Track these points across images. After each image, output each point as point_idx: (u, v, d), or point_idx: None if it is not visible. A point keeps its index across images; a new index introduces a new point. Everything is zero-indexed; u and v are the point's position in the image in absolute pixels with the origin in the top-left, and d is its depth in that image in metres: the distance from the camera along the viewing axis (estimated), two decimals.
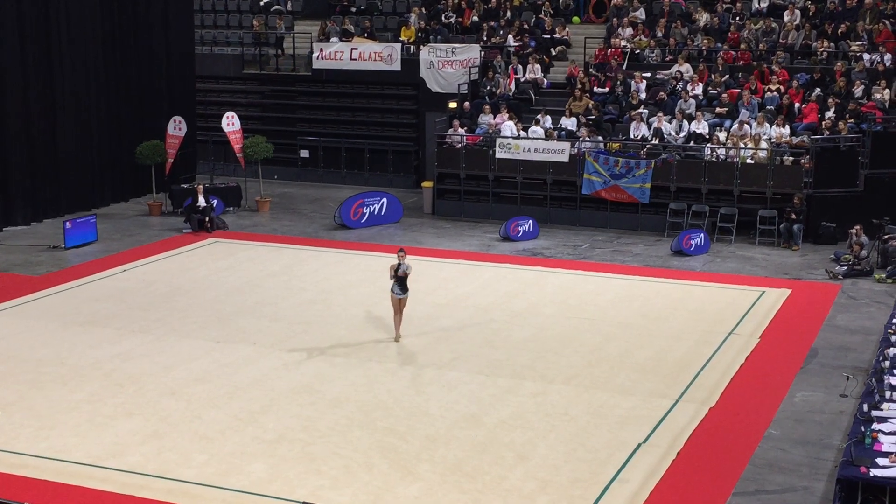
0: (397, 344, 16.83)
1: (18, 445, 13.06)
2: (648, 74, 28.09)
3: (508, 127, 26.69)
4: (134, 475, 12.27)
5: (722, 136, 25.39)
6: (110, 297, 19.52)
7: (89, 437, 13.32)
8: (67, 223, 23.45)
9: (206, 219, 24.80)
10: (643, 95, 27.33)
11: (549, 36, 30.91)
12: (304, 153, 31.87)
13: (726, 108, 26.25)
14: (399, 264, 16.60)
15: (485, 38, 31.20)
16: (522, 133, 26.58)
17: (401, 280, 16.64)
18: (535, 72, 29.31)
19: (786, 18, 29.06)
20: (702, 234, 23.39)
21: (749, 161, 24.69)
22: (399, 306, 16.90)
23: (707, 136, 25.51)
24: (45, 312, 18.60)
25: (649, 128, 26.07)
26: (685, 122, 25.87)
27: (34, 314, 18.51)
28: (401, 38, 31.65)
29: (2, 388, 14.96)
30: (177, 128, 27.29)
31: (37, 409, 14.23)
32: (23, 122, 25.32)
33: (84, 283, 20.49)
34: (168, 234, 24.70)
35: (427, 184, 27.81)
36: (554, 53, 30.56)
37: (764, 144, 24.73)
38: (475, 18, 32.11)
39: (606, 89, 28.13)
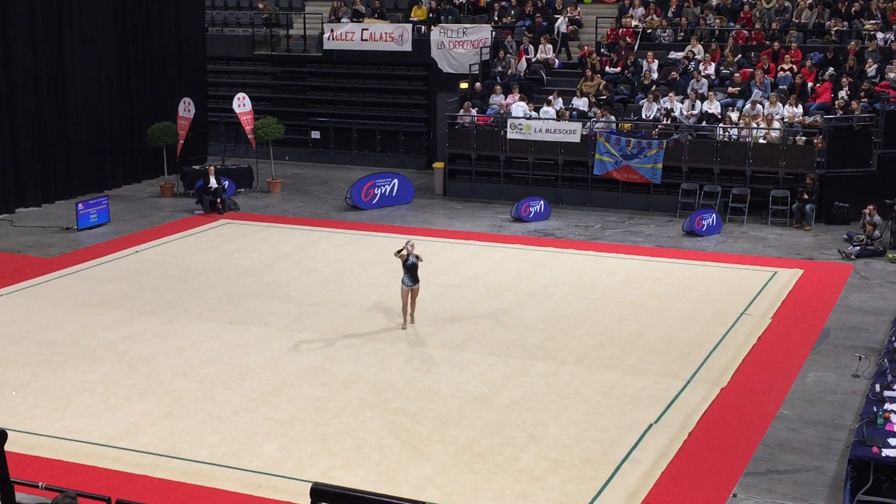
0: (410, 325, 16.77)
1: (33, 426, 13.13)
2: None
3: (520, 108, 26.62)
4: (147, 455, 12.34)
5: (734, 115, 25.29)
6: (123, 279, 19.59)
7: (103, 418, 13.39)
8: (80, 205, 23.52)
9: (218, 200, 24.84)
10: (655, 75, 27.22)
11: (560, 16, 30.76)
12: (316, 134, 31.87)
13: (738, 88, 26.14)
14: (408, 255, 16.27)
15: (496, 18, 31.09)
16: (533, 114, 26.52)
17: (411, 270, 16.35)
18: (546, 52, 29.20)
19: None
20: (714, 215, 23.33)
21: (761, 141, 24.59)
22: (410, 297, 16.57)
23: (719, 116, 25.41)
24: (57, 294, 18.68)
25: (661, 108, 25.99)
26: (697, 102, 25.77)
27: (47, 295, 18.59)
28: (412, 18, 31.56)
29: (16, 369, 15.05)
30: (186, 109, 27.33)
31: (51, 389, 14.31)
32: (34, 103, 25.35)
33: (96, 265, 20.56)
34: (180, 216, 24.75)
35: (438, 165, 27.78)
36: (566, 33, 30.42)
37: (776, 124, 24.62)
38: None
39: (618, 69, 28.02)
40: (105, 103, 27.48)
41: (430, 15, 31.48)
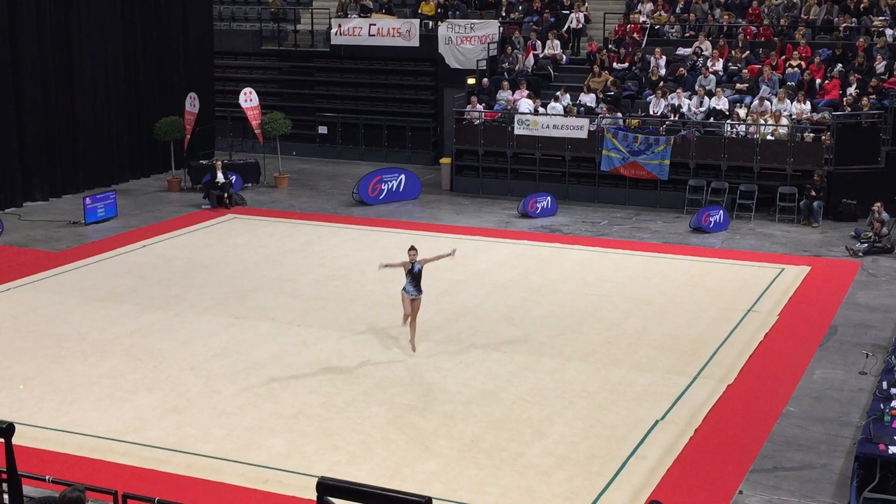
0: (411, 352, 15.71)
1: (40, 419, 13.17)
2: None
3: (526, 104, 26.58)
4: (154, 449, 12.37)
5: (742, 112, 25.23)
6: (130, 273, 19.62)
7: (109, 412, 13.42)
8: (87, 199, 23.56)
9: (225, 195, 24.86)
10: (663, 71, 27.17)
11: (568, 11, 30.73)
12: (323, 129, 31.89)
13: (746, 85, 26.08)
14: (412, 264, 15.19)
15: (503, 14, 31.05)
16: (540, 109, 26.48)
17: (416, 279, 15.22)
18: (554, 48, 29.17)
19: None
20: (721, 211, 23.29)
21: (769, 137, 24.54)
22: (413, 309, 15.32)
23: (727, 113, 25.36)
24: (65, 288, 18.72)
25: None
26: (705, 99, 25.71)
27: (54, 289, 18.62)
28: (420, 12, 31.53)
29: (23, 362, 15.08)
30: (192, 104, 27.35)
31: (57, 383, 14.35)
32: (41, 98, 25.39)
33: (104, 259, 20.60)
34: (187, 210, 24.78)
35: (445, 160, 27.77)
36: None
37: (784, 121, 24.56)
38: None
39: (626, 65, 27.98)
40: (112, 98, 27.51)
41: (438, 10, 31.45)
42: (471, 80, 28.51)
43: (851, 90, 24.87)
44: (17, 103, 24.74)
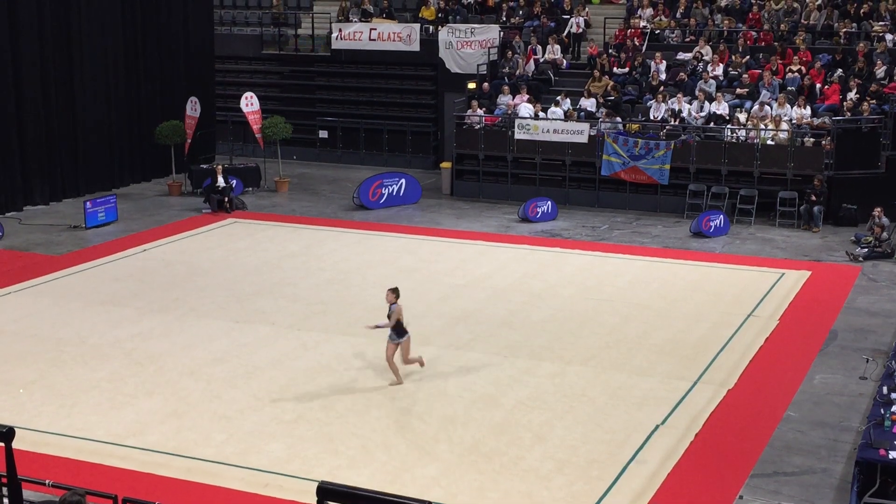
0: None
1: (40, 423, 13.16)
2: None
3: (526, 108, 26.59)
4: (154, 453, 12.37)
5: (742, 117, 25.24)
6: (130, 277, 19.62)
7: (110, 416, 13.42)
8: (88, 203, 23.56)
9: (226, 199, 24.86)
10: (663, 76, 27.19)
11: (568, 16, 30.76)
12: (323, 133, 31.90)
13: (747, 89, 26.10)
14: (390, 306, 14.08)
15: (504, 19, 31.08)
16: (541, 114, 26.49)
17: (396, 325, 14.13)
18: (554, 52, 29.18)
19: None
20: (721, 216, 23.29)
21: (769, 142, 24.54)
22: (403, 349, 14.29)
23: (727, 118, 25.37)
24: (65, 292, 18.72)
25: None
26: (705, 103, 25.72)
27: (55, 293, 18.62)
28: (421, 16, 31.54)
29: (23, 366, 15.08)
30: (193, 108, 27.36)
31: (58, 387, 14.34)
32: (42, 101, 25.38)
33: (104, 263, 20.60)
34: (187, 215, 24.78)
35: (446, 164, 27.78)
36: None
37: (784, 126, 24.57)
38: None
39: (626, 70, 27.99)
40: (113, 101, 27.50)
41: (439, 15, 31.48)
42: (471, 85, 28.53)
43: (852, 95, 24.89)
44: (17, 104, 24.73)
